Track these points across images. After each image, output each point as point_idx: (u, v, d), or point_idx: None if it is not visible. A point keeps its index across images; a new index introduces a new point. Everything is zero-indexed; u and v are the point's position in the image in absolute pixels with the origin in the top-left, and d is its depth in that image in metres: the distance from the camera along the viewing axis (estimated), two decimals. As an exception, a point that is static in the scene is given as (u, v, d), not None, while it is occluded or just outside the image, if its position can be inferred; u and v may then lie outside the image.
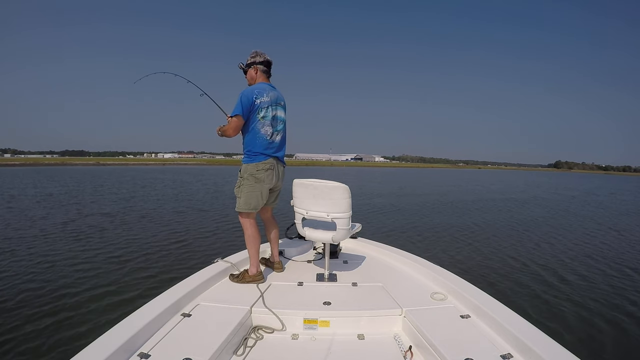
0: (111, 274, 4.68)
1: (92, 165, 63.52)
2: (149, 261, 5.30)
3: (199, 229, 7.73)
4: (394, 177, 38.73)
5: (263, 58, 2.41)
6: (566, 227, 9.50)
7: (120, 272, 4.75)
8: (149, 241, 6.53)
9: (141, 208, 10.83)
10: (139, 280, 4.49)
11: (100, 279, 4.51)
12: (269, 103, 2.32)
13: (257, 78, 2.42)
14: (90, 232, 7.18)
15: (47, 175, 26.89)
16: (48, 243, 6.28)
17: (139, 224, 8.25)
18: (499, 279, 4.93)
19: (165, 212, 10.16)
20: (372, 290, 2.27)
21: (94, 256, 5.50)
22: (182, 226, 8.04)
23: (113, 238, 6.72)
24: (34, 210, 10.14)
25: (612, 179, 74.14)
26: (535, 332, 1.59)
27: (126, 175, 29.32)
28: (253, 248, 2.37)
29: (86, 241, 6.45)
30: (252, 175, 2.34)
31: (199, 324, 1.75)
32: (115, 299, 3.90)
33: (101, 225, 7.98)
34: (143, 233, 7.24)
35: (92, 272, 4.76)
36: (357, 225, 2.68)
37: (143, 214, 9.60)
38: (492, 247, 6.80)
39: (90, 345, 1.42)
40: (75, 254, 5.62)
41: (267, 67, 2.44)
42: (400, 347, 1.76)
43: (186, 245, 6.34)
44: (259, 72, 2.42)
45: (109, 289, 4.18)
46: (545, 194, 21.59)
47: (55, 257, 5.40)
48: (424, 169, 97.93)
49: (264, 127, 2.32)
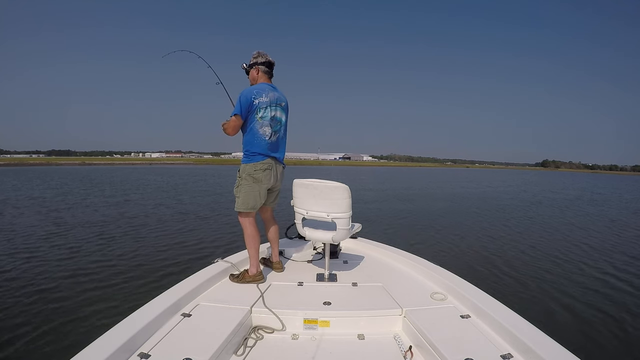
0: (111, 274, 4.67)
1: (78, 165, 62.92)
2: (149, 261, 5.30)
3: (199, 229, 7.73)
4: (388, 176, 38.74)
5: (265, 59, 2.42)
6: (566, 227, 9.50)
7: (121, 272, 4.75)
8: (149, 241, 6.53)
9: (141, 208, 10.83)
10: (139, 280, 4.49)
11: (100, 279, 4.51)
12: (268, 103, 2.32)
13: (259, 78, 2.43)
14: (90, 232, 7.19)
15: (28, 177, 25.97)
16: (48, 243, 6.28)
17: (139, 224, 8.24)
18: (499, 279, 4.93)
19: (164, 212, 10.16)
20: (372, 290, 2.27)
21: (93, 256, 5.50)
22: (182, 226, 8.04)
23: (112, 238, 6.72)
24: (21, 216, 10.13)
25: (602, 177, 74.46)
26: (535, 332, 1.59)
27: (115, 176, 29.25)
28: (252, 248, 2.38)
29: (86, 241, 6.45)
30: (250, 175, 2.35)
31: (199, 324, 1.75)
32: (115, 299, 3.90)
33: (101, 225, 7.98)
34: (143, 233, 7.24)
35: (91, 272, 4.75)
36: (357, 225, 2.69)
37: (143, 214, 9.60)
38: (492, 247, 6.80)
39: (90, 345, 1.42)
40: (74, 254, 5.62)
41: (269, 68, 2.45)
42: (400, 347, 1.76)
43: (186, 245, 6.34)
44: (260, 72, 2.43)
45: (109, 289, 4.18)
46: (547, 193, 21.59)
47: (55, 257, 5.40)
48: (413, 168, 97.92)
49: (262, 127, 2.33)
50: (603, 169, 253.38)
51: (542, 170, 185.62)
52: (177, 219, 8.95)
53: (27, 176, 27.13)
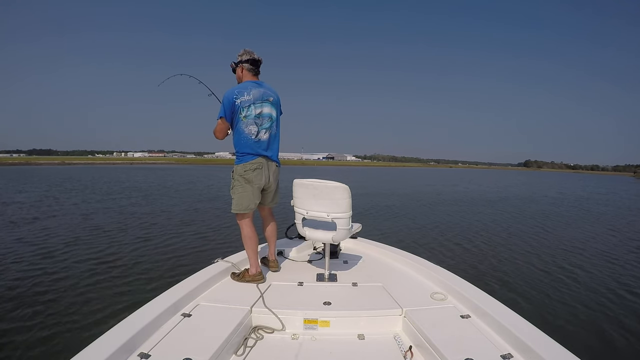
0: (111, 274, 4.68)
1: (57, 164, 61.42)
2: (149, 261, 5.31)
3: (199, 229, 7.73)
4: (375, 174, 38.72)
5: (249, 56, 2.40)
6: (566, 227, 9.51)
7: (120, 272, 4.76)
8: (149, 241, 6.53)
9: (140, 208, 10.83)
10: (139, 280, 4.50)
11: (100, 279, 4.51)
12: (251, 101, 2.30)
13: (244, 77, 2.42)
14: (89, 233, 7.19)
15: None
16: (47, 243, 6.28)
17: (138, 224, 8.25)
18: (499, 278, 4.93)
19: (164, 212, 10.16)
20: (372, 290, 2.27)
21: (93, 256, 5.50)
22: (181, 226, 8.05)
23: (112, 239, 6.72)
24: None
25: (586, 177, 74.61)
26: (536, 332, 1.59)
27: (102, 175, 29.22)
28: (250, 248, 2.38)
29: (86, 242, 6.45)
30: (241, 177, 2.35)
31: (199, 324, 1.75)
32: (116, 299, 3.90)
33: (100, 225, 7.98)
34: (143, 233, 7.24)
35: (91, 272, 4.76)
36: (357, 225, 2.68)
37: (142, 214, 9.60)
38: (492, 247, 6.80)
39: (90, 345, 1.42)
40: (74, 254, 5.62)
41: (253, 65, 2.41)
42: (401, 347, 1.76)
43: (186, 245, 6.34)
44: (245, 70, 2.41)
45: (108, 289, 4.19)
46: (544, 193, 21.60)
47: (54, 258, 5.40)
48: (396, 168, 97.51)
49: (247, 126, 2.31)
50: (585, 169, 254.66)
51: (525, 170, 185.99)
52: (177, 219, 8.95)
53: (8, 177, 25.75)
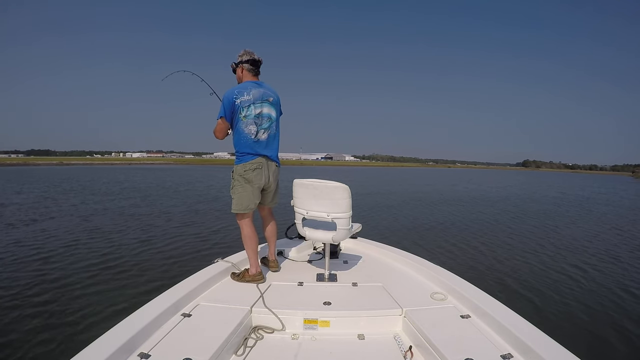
0: (111, 274, 4.67)
1: (56, 165, 60.52)
2: (149, 261, 5.30)
3: (199, 229, 7.73)
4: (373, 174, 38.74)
5: (249, 56, 2.42)
6: (567, 227, 9.51)
7: (121, 272, 4.75)
8: (149, 241, 6.53)
9: (139, 209, 10.83)
10: (139, 280, 4.49)
11: (99, 279, 4.51)
12: (251, 101, 2.32)
13: (244, 77, 2.44)
14: (88, 234, 7.18)
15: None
16: (45, 245, 6.28)
17: (138, 225, 8.24)
18: (499, 279, 4.93)
19: (164, 212, 10.16)
20: (372, 290, 2.27)
21: (93, 257, 5.50)
22: (181, 226, 8.04)
23: (112, 239, 6.72)
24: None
25: (585, 177, 74.60)
26: (536, 332, 1.59)
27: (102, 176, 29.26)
28: (250, 248, 2.38)
29: (85, 242, 6.45)
30: (241, 177, 2.36)
31: (199, 324, 1.75)
32: (116, 299, 3.90)
33: (99, 226, 7.98)
34: (142, 234, 7.24)
35: (91, 273, 4.75)
36: (357, 225, 2.69)
37: (141, 215, 9.60)
38: (492, 247, 6.80)
39: (90, 345, 1.42)
40: (73, 255, 5.62)
41: (253, 66, 2.43)
42: (401, 347, 1.76)
43: (186, 245, 6.34)
44: (245, 71, 2.43)
45: (108, 289, 4.18)
46: (544, 193, 21.60)
47: (53, 258, 5.40)
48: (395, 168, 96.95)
49: (247, 126, 2.33)
50: (583, 169, 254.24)
51: (524, 170, 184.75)
52: (177, 220, 8.95)
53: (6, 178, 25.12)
